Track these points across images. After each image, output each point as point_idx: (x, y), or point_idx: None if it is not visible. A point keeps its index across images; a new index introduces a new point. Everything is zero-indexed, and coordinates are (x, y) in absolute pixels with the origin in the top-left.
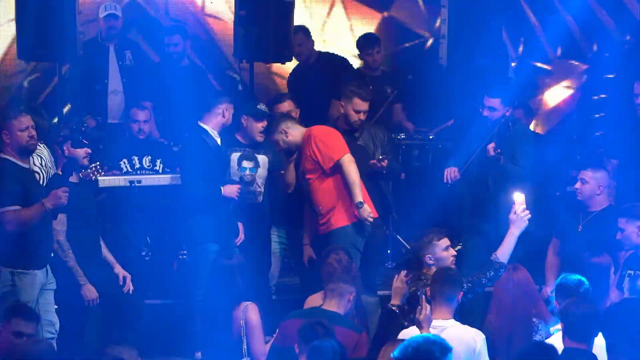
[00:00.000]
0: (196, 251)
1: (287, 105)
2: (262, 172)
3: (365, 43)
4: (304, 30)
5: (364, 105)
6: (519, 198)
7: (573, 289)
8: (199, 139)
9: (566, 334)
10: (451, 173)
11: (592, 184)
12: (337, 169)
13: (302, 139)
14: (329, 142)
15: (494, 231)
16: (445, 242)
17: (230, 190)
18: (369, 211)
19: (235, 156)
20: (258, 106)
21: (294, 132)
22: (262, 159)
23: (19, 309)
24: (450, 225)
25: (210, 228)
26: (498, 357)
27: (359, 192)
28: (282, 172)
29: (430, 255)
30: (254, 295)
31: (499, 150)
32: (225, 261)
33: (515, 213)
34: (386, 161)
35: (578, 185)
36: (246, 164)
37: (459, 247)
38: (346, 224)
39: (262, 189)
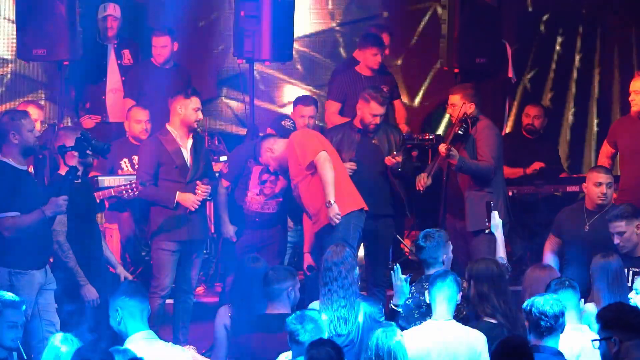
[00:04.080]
0: (151, 248)
1: (310, 110)
2: (282, 184)
3: (370, 42)
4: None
5: (380, 110)
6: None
7: None
8: (156, 141)
9: (531, 331)
10: (421, 180)
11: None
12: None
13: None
14: (305, 143)
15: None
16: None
17: (186, 198)
18: (335, 211)
19: (257, 168)
20: (282, 122)
21: (278, 147)
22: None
23: (4, 301)
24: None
25: (165, 228)
26: None
27: (331, 191)
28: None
29: (446, 255)
30: None
31: (449, 147)
32: (257, 265)
33: (494, 218)
34: (400, 157)
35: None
36: (267, 177)
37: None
38: (343, 213)
39: (281, 199)
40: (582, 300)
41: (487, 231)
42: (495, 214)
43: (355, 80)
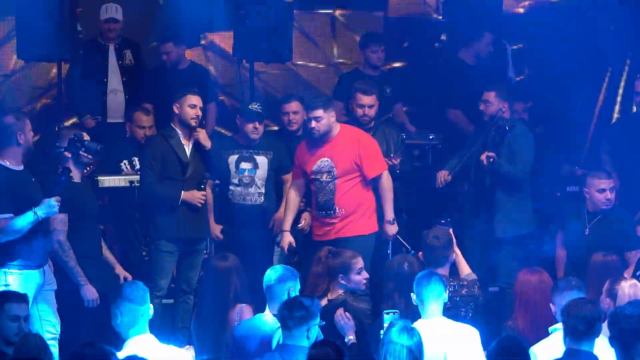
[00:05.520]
0: (150, 249)
1: (294, 106)
2: (261, 173)
3: (369, 41)
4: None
5: (366, 99)
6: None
7: None
8: (158, 138)
9: (567, 335)
10: (442, 176)
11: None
12: (373, 179)
13: (340, 137)
14: (377, 154)
15: (489, 232)
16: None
17: (191, 196)
18: (396, 229)
19: (233, 158)
20: (250, 106)
21: (334, 124)
22: (262, 160)
23: (7, 294)
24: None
25: (164, 227)
26: None
27: (392, 209)
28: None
29: (454, 254)
30: (254, 296)
31: (492, 158)
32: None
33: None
34: (398, 159)
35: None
36: (244, 165)
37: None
38: (367, 232)
39: (263, 190)
40: None
41: None
42: (450, 231)
43: (358, 79)
